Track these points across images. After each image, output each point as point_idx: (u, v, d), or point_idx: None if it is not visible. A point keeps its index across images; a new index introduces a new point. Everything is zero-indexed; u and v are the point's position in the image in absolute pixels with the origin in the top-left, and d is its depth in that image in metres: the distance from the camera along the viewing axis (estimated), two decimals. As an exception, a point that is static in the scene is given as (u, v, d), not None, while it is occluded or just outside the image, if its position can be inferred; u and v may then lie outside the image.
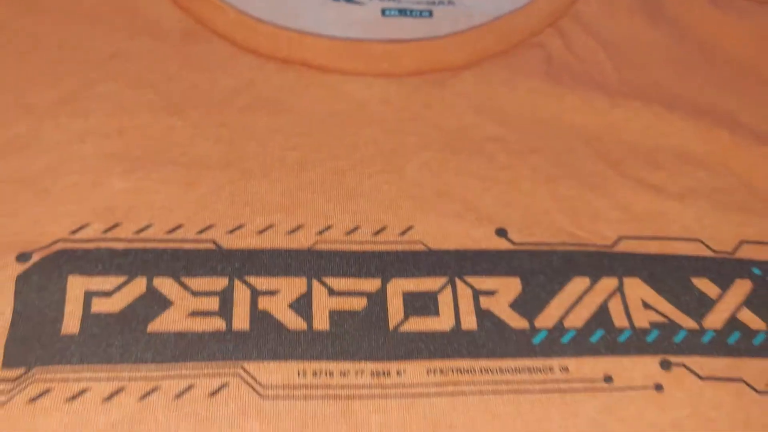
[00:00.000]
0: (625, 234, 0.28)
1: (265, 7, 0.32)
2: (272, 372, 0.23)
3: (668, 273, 0.27)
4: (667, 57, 0.33)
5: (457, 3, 0.33)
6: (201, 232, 0.26)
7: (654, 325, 0.26)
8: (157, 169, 0.27)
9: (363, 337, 0.24)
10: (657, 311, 0.26)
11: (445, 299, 0.26)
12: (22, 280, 0.23)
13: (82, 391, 0.22)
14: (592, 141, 0.30)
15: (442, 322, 0.25)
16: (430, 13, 0.33)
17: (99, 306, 0.23)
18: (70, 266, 0.24)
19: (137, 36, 0.30)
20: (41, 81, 0.28)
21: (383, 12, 0.33)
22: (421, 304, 0.25)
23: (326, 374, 0.24)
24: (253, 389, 0.23)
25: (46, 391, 0.22)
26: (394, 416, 0.23)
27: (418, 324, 0.25)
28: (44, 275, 0.24)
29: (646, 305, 0.26)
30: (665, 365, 0.25)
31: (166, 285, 0.24)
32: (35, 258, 0.24)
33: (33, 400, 0.22)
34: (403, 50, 0.31)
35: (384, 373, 0.24)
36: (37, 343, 0.23)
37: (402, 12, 0.33)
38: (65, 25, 0.30)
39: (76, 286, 0.24)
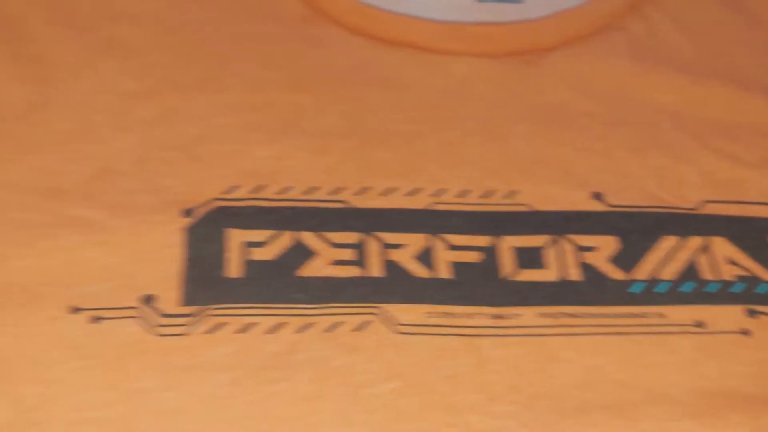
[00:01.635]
0: (708, 198, 0.31)
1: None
2: (406, 312, 0.27)
3: (748, 233, 0.30)
4: (742, 40, 0.36)
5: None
6: (333, 193, 0.29)
7: (738, 278, 0.29)
8: (292, 139, 0.30)
9: (481, 285, 0.28)
10: (740, 266, 0.29)
11: (551, 254, 0.29)
12: (188, 232, 0.27)
13: (250, 325, 0.25)
14: (674, 115, 0.33)
15: (550, 274, 0.28)
16: (521, -1, 0.36)
17: (255, 255, 0.27)
18: (227, 221, 0.28)
19: (263, 21, 0.34)
20: (185, 61, 0.32)
21: (479, -3, 0.36)
22: (530, 258, 0.29)
23: (452, 316, 0.27)
24: (391, 327, 0.26)
25: (220, 325, 0.25)
26: (513, 351, 0.26)
27: (528, 275, 0.28)
28: (206, 228, 0.27)
29: (731, 261, 0.29)
30: (751, 313, 0.28)
31: (309, 238, 0.28)
32: (197, 214, 0.28)
33: (209, 331, 0.25)
34: (499, 32, 0.35)
35: (502, 316, 0.27)
36: (208, 286, 0.26)
37: (496, -2, 0.36)
38: (203, 12, 0.33)
39: (234, 237, 0.27)
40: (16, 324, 0.25)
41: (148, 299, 0.26)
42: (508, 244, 0.29)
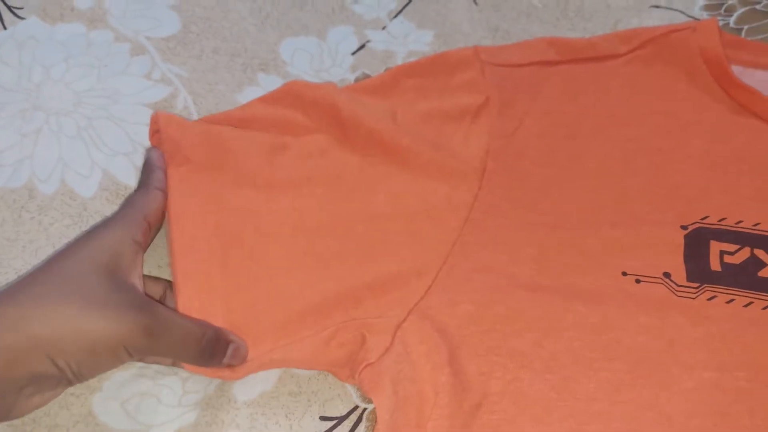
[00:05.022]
0: None
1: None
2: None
3: None
4: None
5: None
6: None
7: None
8: None
9: None
10: None
11: None
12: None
13: (730, 300, 0.41)
14: None
15: None
16: None
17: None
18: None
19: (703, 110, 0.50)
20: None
21: None
22: None
23: None
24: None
25: (713, 296, 0.41)
26: None
27: None
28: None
29: None
30: None
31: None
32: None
33: (709, 299, 0.41)
34: None
35: None
36: (702, 272, 0.42)
37: None
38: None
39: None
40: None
41: (667, 274, 0.42)
42: None
